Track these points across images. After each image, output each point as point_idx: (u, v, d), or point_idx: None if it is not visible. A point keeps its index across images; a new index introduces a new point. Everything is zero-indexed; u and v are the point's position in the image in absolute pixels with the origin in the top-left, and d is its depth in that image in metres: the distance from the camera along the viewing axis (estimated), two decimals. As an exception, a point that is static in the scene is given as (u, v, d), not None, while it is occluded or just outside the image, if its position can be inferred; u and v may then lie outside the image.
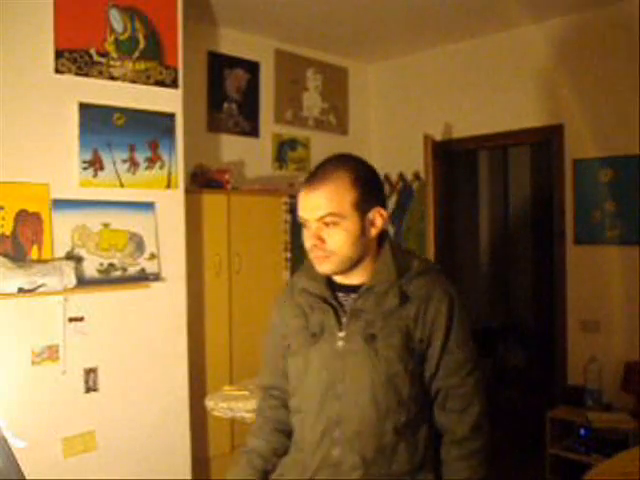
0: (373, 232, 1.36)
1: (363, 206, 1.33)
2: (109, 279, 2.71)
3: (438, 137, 4.20)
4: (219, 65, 4.00)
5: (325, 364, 1.37)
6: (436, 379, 1.39)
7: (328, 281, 1.41)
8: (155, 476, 2.84)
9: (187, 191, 3.13)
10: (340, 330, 1.37)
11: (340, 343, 1.36)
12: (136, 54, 2.86)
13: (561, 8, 3.68)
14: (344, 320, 1.37)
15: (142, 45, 2.88)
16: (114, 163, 2.77)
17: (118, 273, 2.75)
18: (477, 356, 1.44)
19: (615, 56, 3.61)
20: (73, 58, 2.65)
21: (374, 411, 1.33)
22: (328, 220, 1.31)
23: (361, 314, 1.36)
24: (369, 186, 1.35)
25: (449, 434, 1.39)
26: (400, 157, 4.71)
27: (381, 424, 1.33)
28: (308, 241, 1.36)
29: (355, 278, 1.39)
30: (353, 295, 1.39)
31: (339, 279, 1.41)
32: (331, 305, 1.39)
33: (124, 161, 2.80)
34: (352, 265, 1.36)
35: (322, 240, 1.32)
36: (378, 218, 1.36)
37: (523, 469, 3.80)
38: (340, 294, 1.41)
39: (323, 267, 1.36)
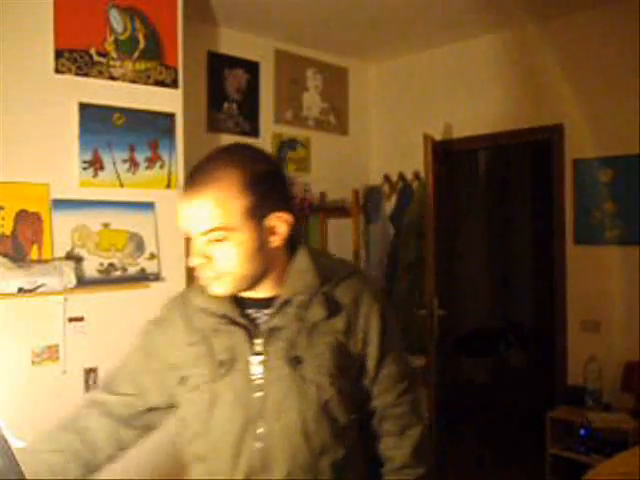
0: (276, 241, 1.11)
1: (259, 213, 1.06)
2: (109, 279, 2.71)
3: (438, 137, 4.20)
4: (219, 65, 4.00)
5: (239, 399, 1.11)
6: (370, 399, 1.20)
7: (234, 296, 1.14)
8: (155, 476, 2.84)
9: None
10: (255, 355, 1.12)
11: (257, 371, 1.11)
12: (136, 54, 2.86)
13: (561, 8, 3.68)
14: (259, 342, 1.12)
15: (142, 45, 2.88)
16: (114, 163, 2.77)
17: (118, 273, 2.75)
18: (413, 371, 1.29)
19: (614, 56, 3.61)
20: (73, 58, 2.65)
21: (307, 449, 1.10)
22: (214, 236, 1.05)
23: (280, 333, 1.12)
24: (265, 187, 1.07)
25: (388, 462, 1.21)
26: (400, 157, 4.71)
27: (316, 463, 1.11)
28: (192, 258, 1.09)
29: (265, 290, 1.15)
30: (267, 310, 1.14)
31: (246, 293, 1.15)
32: (241, 325, 1.13)
33: (124, 161, 2.80)
34: (254, 282, 1.12)
35: (209, 258, 1.07)
36: (280, 225, 1.10)
37: (523, 469, 3.80)
38: (250, 311, 1.16)
39: (214, 289, 1.10)
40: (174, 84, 2.98)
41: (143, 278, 2.82)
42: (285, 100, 4.40)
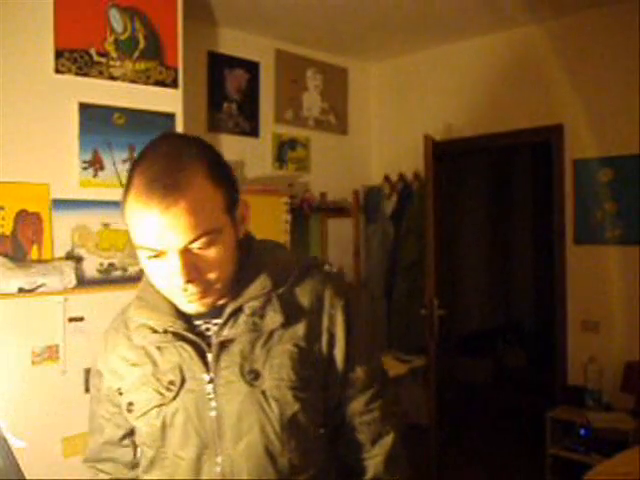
0: (242, 231, 1.02)
1: (231, 204, 0.97)
2: (109, 279, 2.71)
3: (438, 137, 4.20)
4: (219, 65, 4.00)
5: (191, 422, 1.01)
6: (339, 407, 1.08)
7: (176, 308, 1.02)
8: (155, 476, 2.84)
9: (187, 191, 3.13)
10: (207, 372, 1.00)
11: (209, 389, 1.00)
12: (136, 54, 2.85)
13: (561, 8, 3.68)
14: (210, 357, 1.00)
15: (142, 45, 2.88)
16: (114, 163, 2.77)
17: (118, 273, 2.75)
18: (385, 372, 1.14)
19: (615, 56, 3.61)
20: (73, 58, 2.65)
21: (274, 472, 1.00)
22: (200, 244, 0.91)
23: (233, 345, 1.00)
24: (226, 173, 0.98)
25: (360, 474, 1.10)
26: (400, 157, 4.71)
27: None
28: (174, 279, 0.92)
29: None
30: (216, 321, 1.02)
31: None
32: (188, 340, 1.01)
33: (124, 161, 2.80)
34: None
35: (199, 271, 0.94)
36: (246, 210, 1.02)
37: (523, 469, 3.80)
38: (199, 322, 1.04)
39: (202, 305, 0.98)
40: (174, 84, 2.98)
41: (143, 278, 2.82)
42: (285, 100, 4.40)
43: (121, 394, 1.08)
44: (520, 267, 6.23)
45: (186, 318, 1.03)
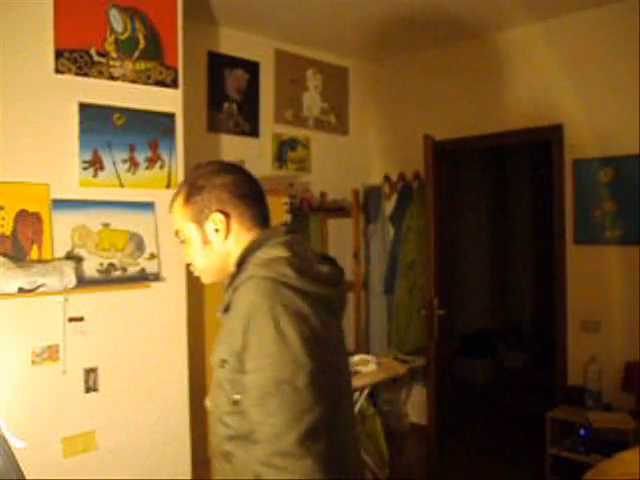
0: (220, 237, 1.30)
1: (197, 217, 1.31)
2: (109, 279, 2.71)
3: (438, 137, 4.20)
4: (219, 65, 4.00)
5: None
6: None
7: None
8: (155, 476, 2.84)
9: (187, 191, 3.13)
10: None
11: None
12: (136, 54, 2.85)
13: (561, 8, 3.68)
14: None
15: (142, 45, 2.87)
16: (114, 163, 2.77)
17: (118, 273, 2.75)
18: (290, 387, 1.08)
19: (615, 56, 3.61)
20: (73, 58, 2.65)
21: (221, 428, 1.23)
22: (180, 239, 1.36)
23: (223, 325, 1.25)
24: (201, 197, 1.31)
25: None
26: (400, 157, 4.71)
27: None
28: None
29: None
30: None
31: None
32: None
33: (124, 161, 2.80)
34: (219, 272, 1.32)
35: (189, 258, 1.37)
36: (216, 224, 1.30)
37: (523, 469, 3.80)
38: None
39: (204, 280, 1.37)
40: (174, 84, 2.98)
41: (143, 278, 2.82)
42: (285, 100, 4.40)
43: None
44: (520, 267, 6.23)
45: None
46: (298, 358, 1.08)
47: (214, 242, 1.29)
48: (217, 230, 1.29)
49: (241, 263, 1.24)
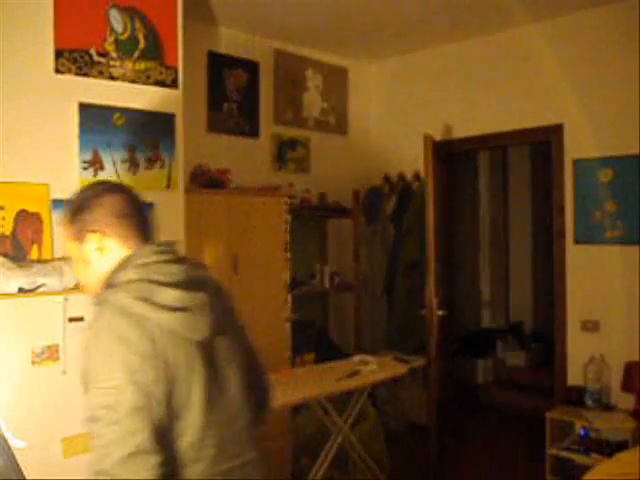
0: (97, 255, 1.37)
1: (77, 236, 1.37)
2: (109, 279, 2.71)
3: (438, 137, 4.20)
4: (219, 65, 4.00)
5: None
6: None
7: None
8: (155, 476, 2.83)
9: (187, 191, 3.13)
10: None
11: None
12: (136, 54, 2.85)
13: (561, 8, 3.68)
14: None
15: (142, 45, 2.87)
16: (114, 163, 2.77)
17: (118, 273, 2.75)
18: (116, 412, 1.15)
19: (615, 56, 3.61)
20: (73, 58, 2.65)
21: None
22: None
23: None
24: (78, 219, 1.37)
25: None
26: (400, 157, 4.71)
27: None
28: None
29: None
30: None
31: None
32: None
33: (124, 161, 2.80)
34: (97, 286, 1.40)
35: None
36: (94, 243, 1.36)
37: (523, 469, 3.80)
38: None
39: (86, 292, 1.47)
40: (174, 84, 2.98)
41: (143, 278, 2.82)
42: (285, 100, 4.40)
43: None
44: (520, 267, 6.23)
45: None
46: (120, 385, 1.15)
47: (93, 260, 1.37)
48: (97, 249, 1.35)
49: (108, 283, 1.33)
